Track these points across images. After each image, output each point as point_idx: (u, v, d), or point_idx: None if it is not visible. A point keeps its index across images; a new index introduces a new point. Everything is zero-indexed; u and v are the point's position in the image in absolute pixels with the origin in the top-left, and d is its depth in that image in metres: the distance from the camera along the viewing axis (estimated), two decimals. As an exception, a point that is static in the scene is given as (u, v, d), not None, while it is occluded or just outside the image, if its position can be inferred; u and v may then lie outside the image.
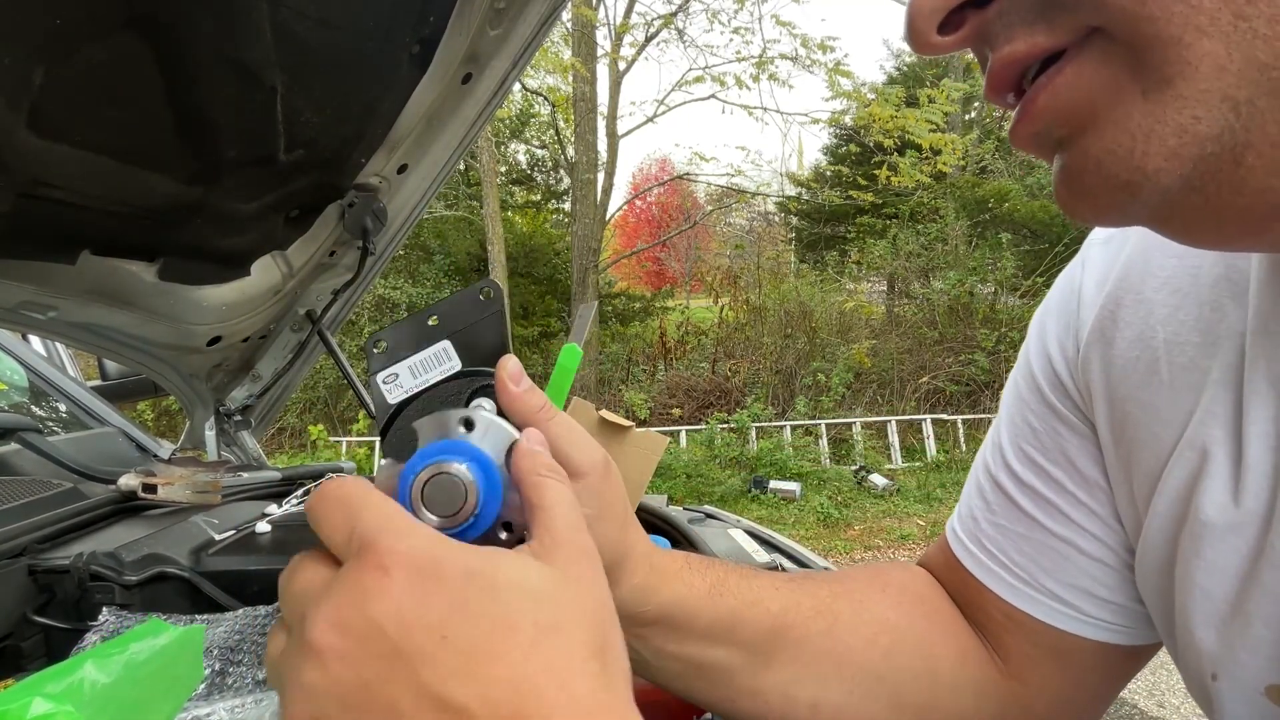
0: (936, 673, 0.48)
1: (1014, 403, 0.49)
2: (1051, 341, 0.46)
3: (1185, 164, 0.24)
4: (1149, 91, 0.24)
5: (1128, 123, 0.25)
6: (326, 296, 1.02)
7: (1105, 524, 0.44)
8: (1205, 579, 0.35)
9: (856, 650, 0.47)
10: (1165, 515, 0.38)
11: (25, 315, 0.70)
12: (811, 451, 6.22)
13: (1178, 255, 0.39)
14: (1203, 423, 0.36)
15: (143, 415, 7.64)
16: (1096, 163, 0.26)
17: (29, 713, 0.35)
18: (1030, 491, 0.46)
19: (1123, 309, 0.41)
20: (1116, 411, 0.41)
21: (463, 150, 0.86)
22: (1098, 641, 0.45)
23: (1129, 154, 0.25)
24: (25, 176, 0.49)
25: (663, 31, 9.47)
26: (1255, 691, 0.34)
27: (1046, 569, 0.45)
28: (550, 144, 12.67)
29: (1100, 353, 0.42)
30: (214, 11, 0.45)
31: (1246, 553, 0.33)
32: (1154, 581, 0.40)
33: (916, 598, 0.52)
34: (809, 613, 0.48)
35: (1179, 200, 0.26)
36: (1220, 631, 0.35)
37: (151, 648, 0.45)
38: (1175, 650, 0.40)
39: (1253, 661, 0.33)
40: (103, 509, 0.99)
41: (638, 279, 15.61)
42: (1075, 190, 0.28)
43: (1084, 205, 0.28)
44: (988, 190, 9.17)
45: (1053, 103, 0.27)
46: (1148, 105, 0.24)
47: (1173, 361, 0.38)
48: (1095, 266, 0.45)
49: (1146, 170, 0.25)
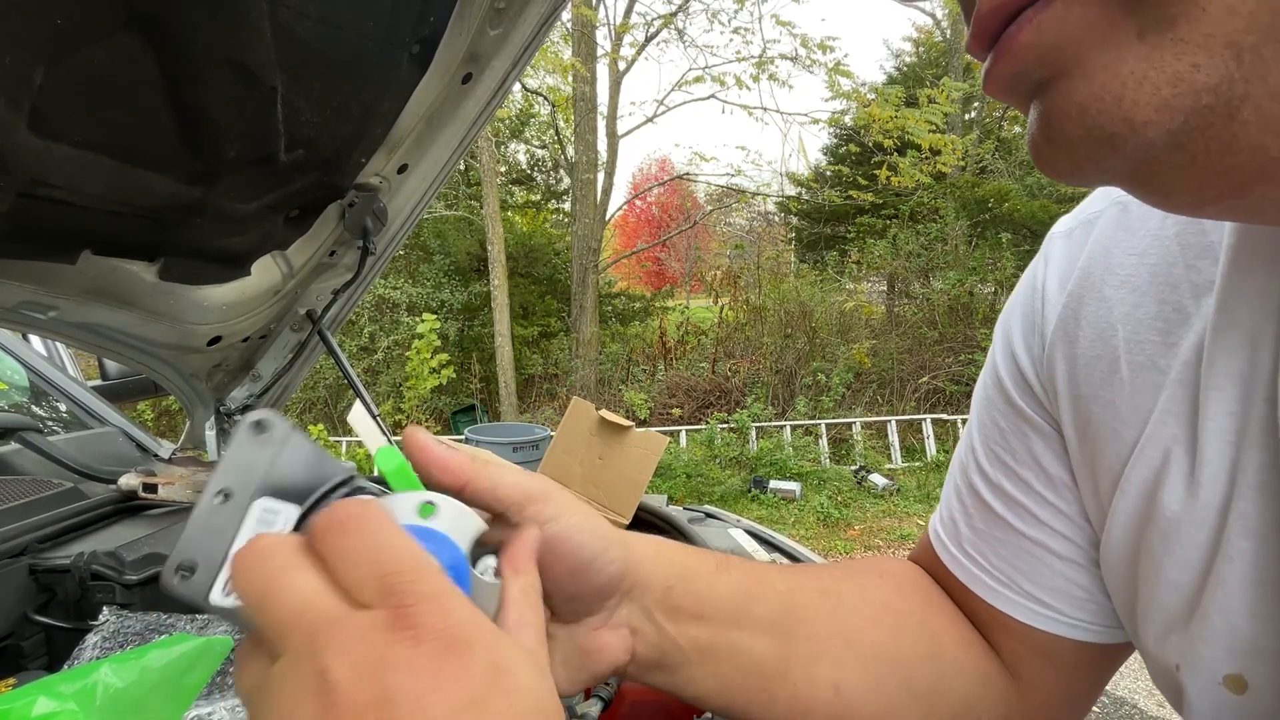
0: (942, 656, 0.48)
1: (983, 404, 0.49)
2: (1017, 341, 0.46)
3: (1176, 117, 0.22)
4: (1146, 32, 0.22)
5: (1119, 67, 0.22)
6: (326, 296, 1.02)
7: (1074, 524, 0.44)
8: (1167, 573, 0.36)
9: (864, 631, 0.47)
10: (1127, 512, 0.38)
11: (25, 315, 0.70)
12: (811, 451, 6.21)
13: (1138, 253, 0.39)
14: (1162, 421, 0.36)
15: (143, 415, 7.64)
16: (1080, 110, 0.24)
17: (33, 711, 0.35)
18: (1001, 494, 0.46)
19: (1085, 307, 0.41)
20: (1080, 411, 0.41)
21: (463, 150, 0.86)
22: (1080, 641, 0.45)
23: (1116, 102, 0.23)
24: (25, 176, 0.49)
25: (663, 31, 9.48)
26: (1214, 682, 0.34)
27: (1023, 571, 0.45)
28: (550, 144, 12.67)
29: (1064, 352, 0.42)
30: (214, 11, 0.45)
31: (1205, 546, 0.34)
32: (1118, 576, 0.40)
33: (914, 585, 0.52)
34: (814, 593, 0.47)
35: (1163, 158, 0.23)
36: (1183, 625, 0.36)
37: (169, 655, 0.46)
38: (1141, 643, 0.40)
39: (1210, 653, 0.34)
40: (103, 508, 0.99)
41: (638, 279, 15.61)
42: (1053, 140, 0.25)
43: (1061, 158, 0.25)
44: (988, 190, 9.16)
45: (1036, 39, 0.24)
46: (1142, 48, 0.22)
47: (1132, 360, 0.38)
48: (1058, 262, 0.44)
49: (1134, 122, 0.23)
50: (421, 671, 0.24)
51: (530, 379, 9.40)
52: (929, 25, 13.35)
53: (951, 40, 12.12)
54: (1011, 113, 11.53)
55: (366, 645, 0.25)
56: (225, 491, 0.29)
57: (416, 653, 0.24)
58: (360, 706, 0.23)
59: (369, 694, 0.24)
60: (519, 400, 8.63)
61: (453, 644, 0.25)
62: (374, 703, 0.23)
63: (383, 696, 0.24)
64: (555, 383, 9.23)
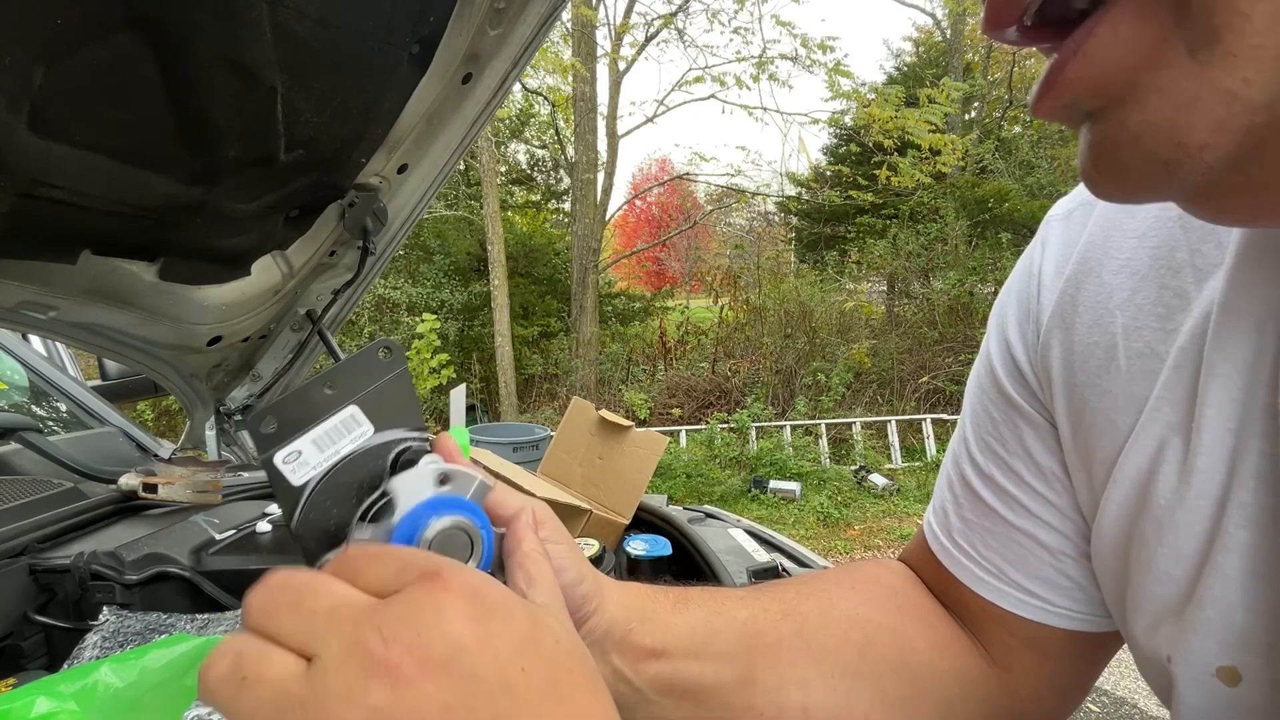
0: (915, 664, 0.48)
1: (976, 393, 0.49)
2: (1011, 328, 0.45)
3: (1232, 138, 0.21)
4: (1196, 49, 0.20)
5: (1172, 90, 0.21)
6: (326, 296, 1.02)
7: (1064, 516, 0.44)
8: (1160, 564, 0.35)
9: (831, 649, 0.47)
10: (1120, 502, 0.38)
11: (25, 315, 0.70)
12: (811, 451, 6.21)
13: (1138, 236, 0.38)
14: (1157, 408, 0.35)
15: (143, 415, 7.63)
16: (1133, 138, 0.23)
17: (32, 711, 0.35)
18: (992, 484, 0.46)
19: (1082, 292, 0.40)
20: (1075, 399, 0.41)
21: (463, 150, 0.86)
22: (1069, 630, 0.45)
23: (1171, 127, 0.22)
24: (25, 176, 0.49)
25: (663, 31, 9.48)
26: (1206, 673, 0.34)
27: (1012, 561, 0.45)
28: (550, 144, 12.67)
29: (1060, 338, 0.41)
30: (214, 11, 0.45)
31: (1201, 536, 0.33)
32: (1109, 566, 0.40)
33: (888, 591, 0.52)
34: (776, 616, 0.47)
35: (1219, 180, 0.23)
36: (1175, 616, 0.35)
37: (168, 655, 0.46)
38: (1130, 635, 0.40)
39: (1203, 644, 0.34)
40: (103, 509, 0.99)
41: (638, 279, 15.60)
42: (1105, 169, 0.24)
43: (1113, 184, 0.25)
44: (988, 190, 9.15)
45: (1085, 72, 0.23)
46: (1194, 66, 0.21)
47: (1130, 347, 0.37)
48: (1055, 246, 0.44)
49: (1189, 146, 0.22)
50: (477, 619, 0.25)
51: (530, 379, 9.40)
52: (929, 25, 13.36)
53: (951, 40, 12.11)
54: (1012, 113, 11.53)
55: (415, 611, 0.25)
56: (332, 385, 0.34)
57: (466, 605, 0.25)
58: (434, 667, 0.24)
59: (438, 652, 0.24)
60: (519, 400, 8.63)
61: (490, 600, 0.26)
62: (446, 657, 0.24)
63: (450, 648, 0.24)
64: (555, 383, 9.22)
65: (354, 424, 0.34)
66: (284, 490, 0.32)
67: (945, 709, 0.47)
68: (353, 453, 0.34)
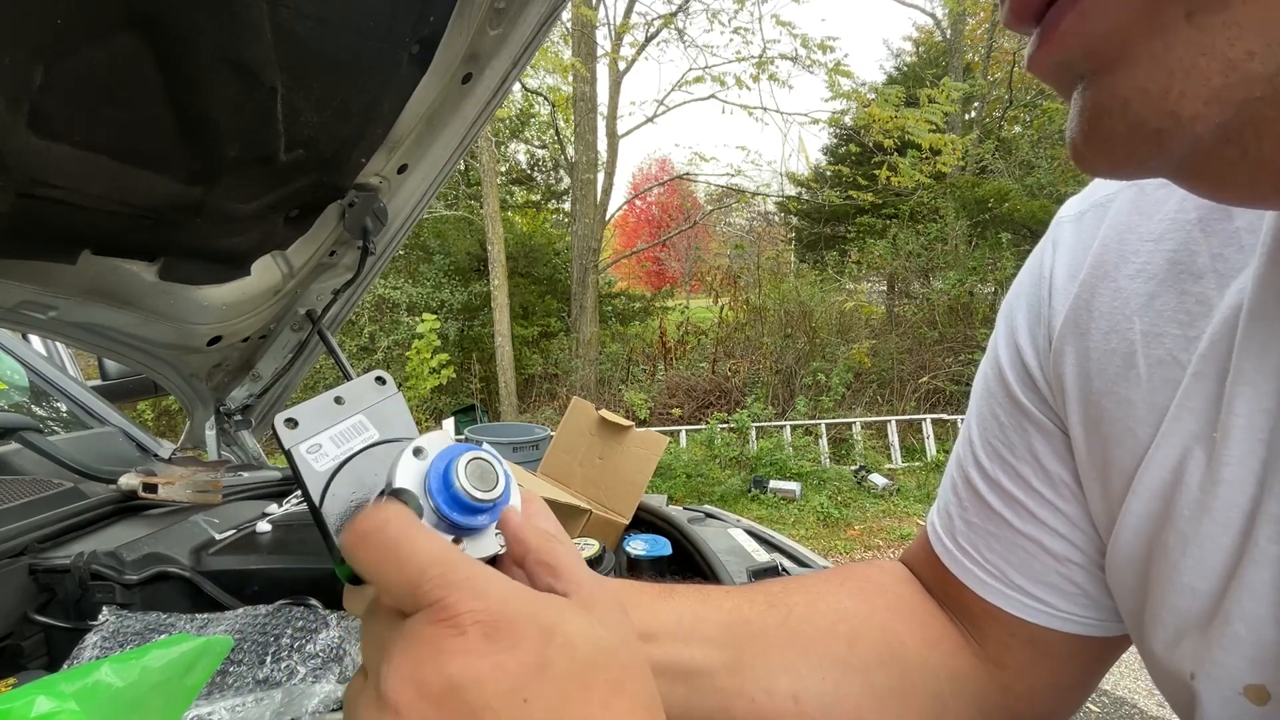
0: (904, 659, 0.47)
1: (983, 396, 0.48)
2: (1021, 333, 0.44)
3: (1226, 110, 0.20)
4: (1195, 14, 0.19)
5: (1166, 56, 0.20)
6: (326, 296, 1.02)
7: (1072, 523, 0.43)
8: (1183, 577, 0.34)
9: (817, 640, 0.47)
10: (1140, 513, 0.37)
11: (25, 315, 0.70)
12: (811, 451, 6.21)
13: (1154, 239, 0.37)
14: (1179, 418, 0.34)
15: (143, 415, 7.63)
16: (1123, 104, 0.22)
17: (33, 710, 0.35)
18: (998, 489, 0.46)
19: (1098, 298, 0.39)
20: (1091, 408, 0.39)
21: (463, 150, 0.86)
22: (1071, 634, 0.44)
23: (1163, 94, 0.21)
24: (25, 176, 0.49)
25: (663, 31, 9.48)
26: (1233, 691, 0.33)
27: (1016, 565, 0.45)
28: (550, 144, 12.67)
29: (1074, 345, 0.40)
30: (214, 11, 0.45)
31: (1228, 550, 0.32)
32: (1127, 580, 0.39)
33: (877, 588, 0.52)
34: (762, 606, 0.48)
35: (1211, 153, 0.22)
36: (1199, 631, 0.34)
37: (169, 655, 0.46)
38: (1148, 649, 0.39)
39: (1231, 661, 0.32)
40: (103, 508, 0.99)
41: (638, 279, 15.60)
42: (1092, 137, 0.23)
43: (1100, 155, 0.24)
44: (988, 190, 9.15)
45: (1078, 27, 0.22)
46: (1192, 32, 0.20)
47: (1150, 354, 0.36)
48: (1067, 249, 0.42)
49: (1180, 116, 0.21)
50: (476, 653, 0.25)
51: (530, 379, 9.40)
52: (929, 25, 13.36)
53: (951, 40, 12.11)
54: (1012, 113, 11.53)
55: (417, 646, 0.25)
56: (341, 400, 0.40)
57: (465, 639, 0.25)
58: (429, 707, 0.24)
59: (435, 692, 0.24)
60: (519, 400, 8.63)
61: (496, 621, 0.26)
62: (441, 696, 0.24)
63: (446, 688, 0.24)
64: (555, 383, 9.22)
65: (363, 428, 0.40)
66: (309, 474, 0.37)
67: (937, 704, 0.47)
68: (366, 447, 0.40)
